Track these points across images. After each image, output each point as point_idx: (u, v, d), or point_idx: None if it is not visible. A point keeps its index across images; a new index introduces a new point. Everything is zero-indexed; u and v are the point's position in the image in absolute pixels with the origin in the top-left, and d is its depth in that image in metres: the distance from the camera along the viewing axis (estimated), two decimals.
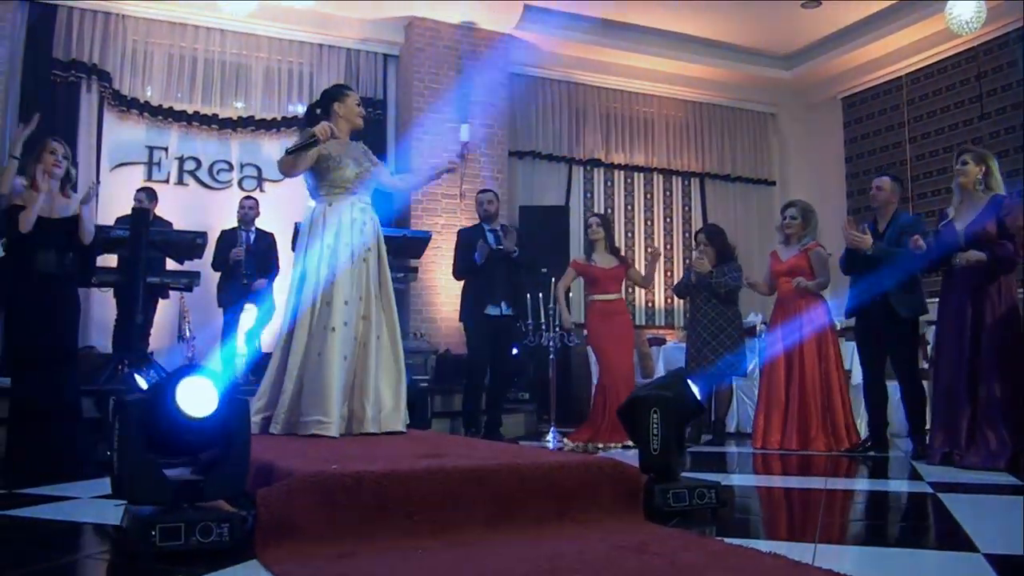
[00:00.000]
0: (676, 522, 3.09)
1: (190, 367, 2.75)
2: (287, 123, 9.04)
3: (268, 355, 5.19)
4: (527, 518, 2.84)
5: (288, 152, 4.36)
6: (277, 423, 4.28)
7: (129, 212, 7.11)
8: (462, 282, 7.03)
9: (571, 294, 7.92)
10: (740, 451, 6.25)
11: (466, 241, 6.90)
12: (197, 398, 2.63)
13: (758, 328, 7.76)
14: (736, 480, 4.51)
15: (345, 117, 4.64)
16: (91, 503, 3.67)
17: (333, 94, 4.69)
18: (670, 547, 2.57)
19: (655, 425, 3.32)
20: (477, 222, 7.16)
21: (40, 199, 4.88)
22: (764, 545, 2.59)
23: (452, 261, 7.18)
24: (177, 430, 2.60)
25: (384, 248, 4.66)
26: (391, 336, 4.54)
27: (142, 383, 5.18)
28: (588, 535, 2.76)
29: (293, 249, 5.75)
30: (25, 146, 5.03)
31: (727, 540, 2.71)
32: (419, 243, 7.84)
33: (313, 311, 4.37)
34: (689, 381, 3.55)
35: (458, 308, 7.05)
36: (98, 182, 5.28)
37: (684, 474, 3.50)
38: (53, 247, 4.96)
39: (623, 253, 7.35)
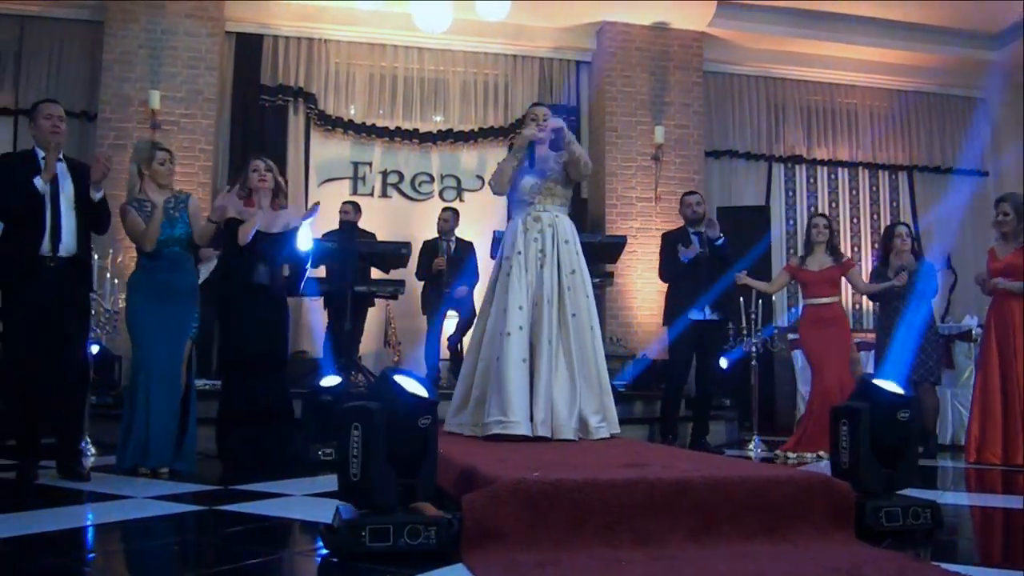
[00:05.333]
0: (889, 543, 2.90)
1: (395, 369, 2.89)
2: (484, 134, 9.25)
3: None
4: (733, 533, 2.75)
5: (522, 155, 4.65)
6: (464, 426, 4.46)
7: (336, 226, 7.48)
8: (666, 286, 6.83)
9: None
10: (954, 466, 5.82)
11: (671, 243, 6.71)
12: (414, 387, 2.77)
13: (973, 332, 7.22)
14: (951, 498, 4.17)
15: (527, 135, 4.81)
16: (302, 500, 3.85)
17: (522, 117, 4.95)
18: (884, 571, 2.42)
19: (844, 437, 3.21)
20: (679, 225, 6.91)
21: (257, 215, 5.22)
22: (984, 573, 2.39)
23: (656, 264, 6.95)
24: (406, 432, 2.73)
25: (567, 256, 4.65)
26: (566, 345, 4.51)
27: (333, 381, 5.48)
28: (797, 553, 2.64)
29: (492, 257, 5.92)
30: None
31: (944, 565, 2.52)
32: (615, 247, 7.81)
33: (496, 320, 4.54)
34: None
35: (655, 312, 6.92)
36: (316, 205, 5.64)
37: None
38: (267, 260, 5.29)
39: (844, 254, 6.93)
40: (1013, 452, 5.62)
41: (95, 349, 6.29)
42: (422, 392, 2.79)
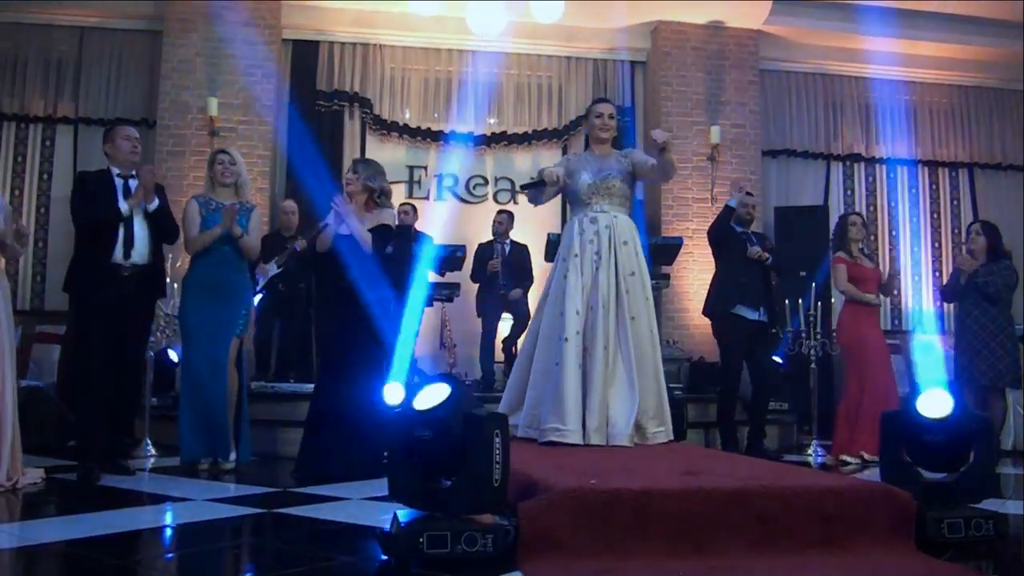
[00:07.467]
0: (950, 555, 2.82)
1: (428, 379, 2.93)
2: (538, 136, 9.24)
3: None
4: (791, 543, 2.70)
5: (523, 188, 4.60)
6: (518, 427, 4.44)
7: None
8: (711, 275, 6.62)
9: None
10: (1017, 472, 5.65)
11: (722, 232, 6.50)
12: None
13: None
14: (1013, 507, 4.03)
15: (589, 135, 4.86)
16: (361, 504, 3.88)
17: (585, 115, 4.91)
18: None
19: None
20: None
21: (331, 222, 5.05)
22: None
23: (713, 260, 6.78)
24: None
25: (626, 258, 4.55)
26: (625, 351, 4.43)
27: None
28: (856, 565, 2.59)
29: (546, 260, 5.87)
30: None
31: None
32: (671, 249, 7.74)
33: (551, 323, 4.52)
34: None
35: None
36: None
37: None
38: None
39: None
40: None
41: (173, 356, 6.43)
42: None
